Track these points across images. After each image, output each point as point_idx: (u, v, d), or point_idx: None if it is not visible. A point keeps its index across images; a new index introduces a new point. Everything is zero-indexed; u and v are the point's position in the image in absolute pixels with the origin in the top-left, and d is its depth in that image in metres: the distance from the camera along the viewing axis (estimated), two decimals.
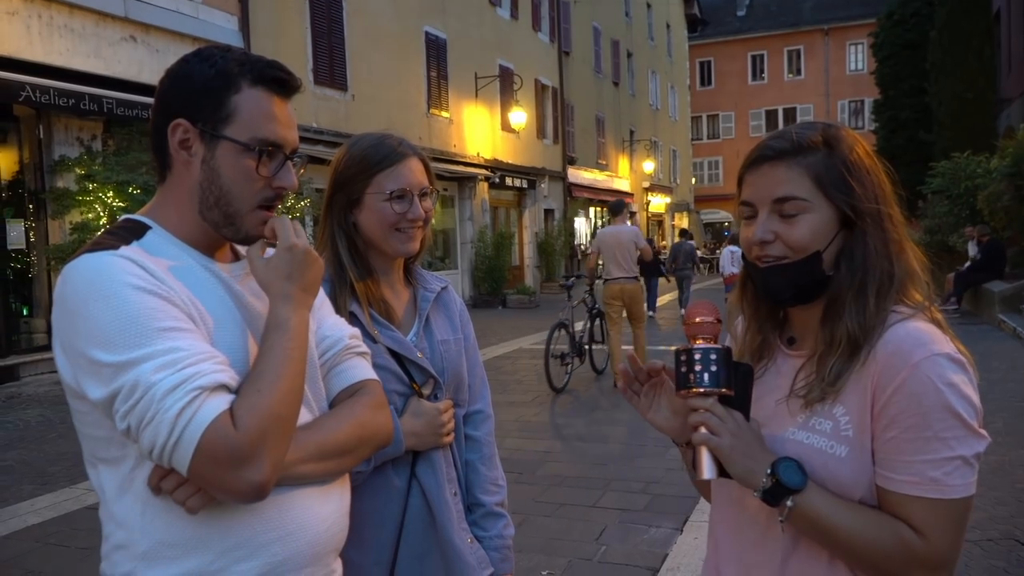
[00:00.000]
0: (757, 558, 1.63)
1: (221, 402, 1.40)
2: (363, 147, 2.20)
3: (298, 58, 17.61)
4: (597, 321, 11.81)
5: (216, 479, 1.40)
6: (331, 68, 18.78)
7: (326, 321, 1.80)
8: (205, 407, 1.37)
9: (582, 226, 35.13)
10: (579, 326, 11.69)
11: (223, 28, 15.07)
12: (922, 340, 1.46)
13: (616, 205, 11.67)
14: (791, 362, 1.64)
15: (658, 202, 46.28)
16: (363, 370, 1.80)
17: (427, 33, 23.00)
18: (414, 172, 2.18)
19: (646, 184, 43.62)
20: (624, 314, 11.04)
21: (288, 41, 17.25)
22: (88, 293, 1.41)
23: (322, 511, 1.61)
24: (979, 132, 25.09)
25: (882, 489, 1.48)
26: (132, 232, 1.57)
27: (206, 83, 1.57)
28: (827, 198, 1.55)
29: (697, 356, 1.52)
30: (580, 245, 34.04)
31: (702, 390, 1.52)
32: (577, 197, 33.76)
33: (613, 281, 10.95)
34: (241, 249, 1.73)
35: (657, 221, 47.89)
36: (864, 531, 1.46)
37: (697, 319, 1.55)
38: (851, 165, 1.56)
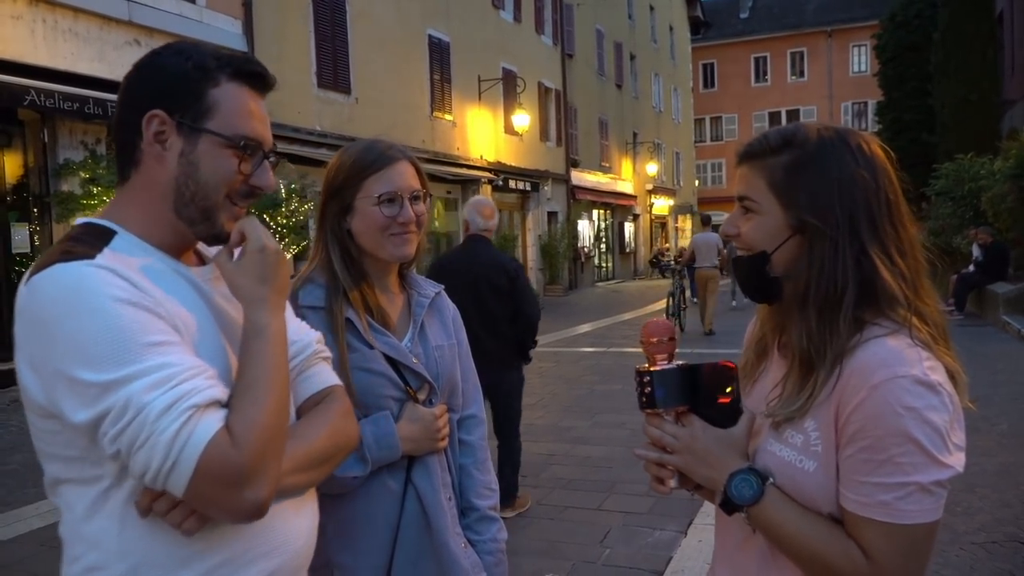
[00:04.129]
0: (742, 559, 1.67)
1: (216, 419, 1.34)
2: (353, 153, 2.21)
3: (301, 61, 17.65)
4: (677, 297, 17.26)
5: (216, 500, 1.35)
6: (334, 71, 18.79)
7: (291, 324, 1.75)
8: (201, 426, 1.31)
9: (585, 228, 35.09)
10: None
11: (227, 32, 15.08)
12: (887, 361, 1.42)
13: (705, 217, 19.12)
14: (779, 367, 1.65)
15: (661, 204, 46.23)
16: (329, 375, 1.77)
17: (430, 36, 23.00)
18: (404, 176, 2.17)
19: (649, 186, 43.59)
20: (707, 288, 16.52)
21: (292, 44, 17.26)
22: (67, 307, 1.32)
23: (300, 525, 1.60)
24: (983, 134, 25.05)
25: (841, 508, 1.47)
26: (99, 238, 1.47)
27: (184, 75, 1.51)
28: (778, 202, 1.56)
29: (653, 379, 1.60)
30: (583, 247, 34.02)
31: (660, 410, 1.62)
32: (580, 199, 33.74)
33: (701, 268, 16.60)
34: (207, 251, 1.69)
35: (661, 223, 47.87)
36: (815, 546, 1.46)
37: (653, 339, 1.62)
38: (809, 172, 1.54)
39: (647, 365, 1.63)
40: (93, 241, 1.45)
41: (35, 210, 12.36)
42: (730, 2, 63.45)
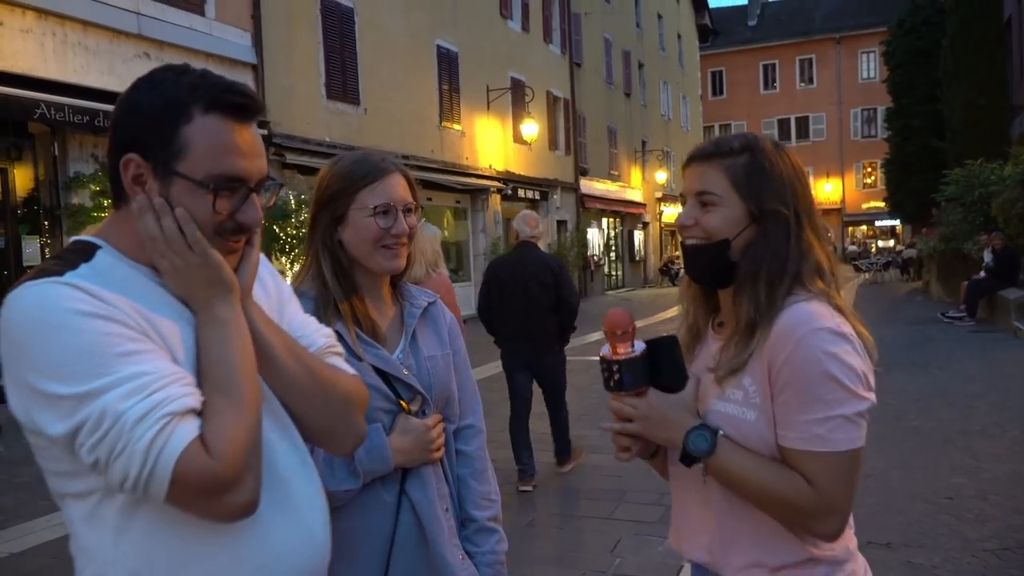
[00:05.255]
0: (697, 506, 1.91)
1: (191, 428, 1.33)
2: (346, 164, 2.21)
3: (311, 72, 17.72)
4: None
5: (197, 507, 1.36)
6: (343, 82, 18.86)
7: (295, 320, 1.74)
8: (176, 435, 1.30)
9: (595, 237, 35.08)
10: None
11: (236, 44, 15.15)
12: (806, 318, 1.69)
13: None
14: (716, 344, 1.89)
15: (671, 212, 46.16)
16: (343, 367, 1.74)
17: (438, 46, 23.06)
18: (397, 188, 2.18)
19: (659, 194, 43.58)
20: None
21: (300, 55, 17.34)
22: (35, 324, 1.32)
23: (302, 537, 1.56)
24: (992, 139, 24.98)
25: (780, 446, 1.72)
26: (81, 254, 1.47)
27: (155, 114, 1.45)
28: (739, 196, 1.80)
29: (622, 367, 1.80)
30: (593, 256, 34.01)
31: (624, 393, 1.83)
32: (590, 208, 33.75)
33: None
34: None
35: (671, 231, 47.81)
36: (767, 483, 1.70)
37: (618, 331, 1.79)
38: (766, 171, 1.80)
39: (611, 353, 1.80)
40: (72, 258, 1.45)
41: (46, 223, 12.42)
42: (738, 10, 63.59)
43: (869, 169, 57.87)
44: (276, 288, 1.76)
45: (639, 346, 1.81)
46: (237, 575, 1.46)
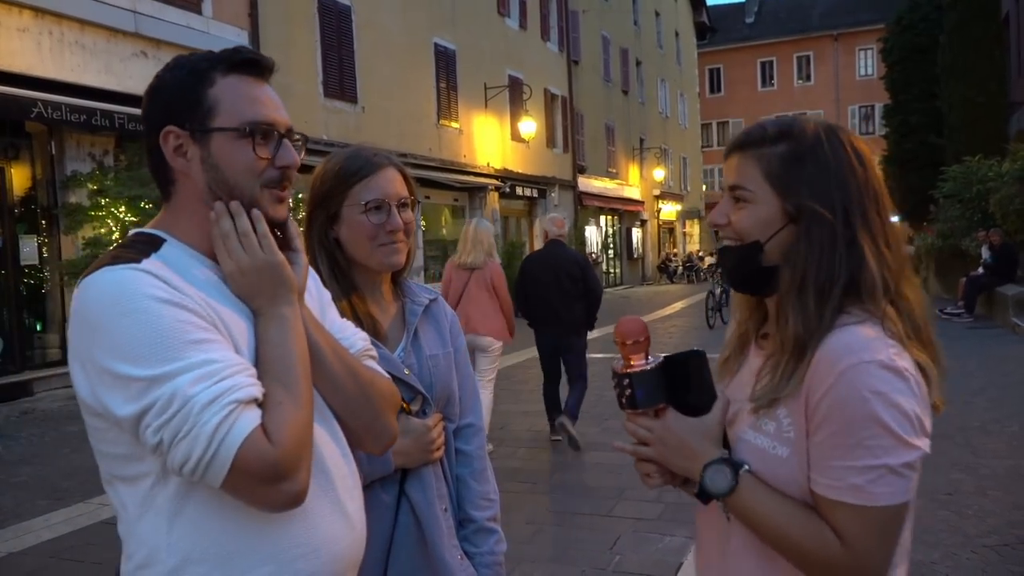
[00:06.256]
0: (708, 535, 1.72)
1: (255, 416, 1.39)
2: (338, 160, 2.18)
3: (308, 71, 17.71)
4: (718, 296, 18.83)
5: (251, 494, 1.41)
6: (341, 80, 18.86)
7: (335, 323, 1.78)
8: (241, 422, 1.36)
9: (593, 235, 35.09)
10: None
11: (233, 42, 15.02)
12: (854, 347, 1.44)
13: None
14: (757, 359, 1.66)
15: (669, 209, 46.24)
16: (380, 371, 1.78)
17: (436, 44, 23.07)
18: (391, 182, 2.14)
19: (657, 192, 43.59)
20: None
21: (298, 54, 17.32)
22: (112, 308, 1.38)
23: (343, 526, 1.61)
24: (990, 135, 25.01)
25: (812, 492, 1.48)
26: (149, 245, 1.54)
27: (181, 86, 1.56)
28: (773, 191, 1.56)
29: (633, 381, 1.62)
30: (591, 254, 34.01)
31: (639, 410, 1.64)
32: (588, 206, 33.76)
33: None
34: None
35: (668, 229, 47.85)
36: (790, 530, 1.48)
37: (629, 341, 1.62)
38: (807, 162, 1.55)
39: (624, 366, 1.63)
40: (142, 248, 1.52)
41: (43, 222, 12.42)
42: (736, 7, 63.59)
43: None
44: (318, 292, 1.81)
45: (655, 359, 1.63)
46: (284, 561, 1.50)
